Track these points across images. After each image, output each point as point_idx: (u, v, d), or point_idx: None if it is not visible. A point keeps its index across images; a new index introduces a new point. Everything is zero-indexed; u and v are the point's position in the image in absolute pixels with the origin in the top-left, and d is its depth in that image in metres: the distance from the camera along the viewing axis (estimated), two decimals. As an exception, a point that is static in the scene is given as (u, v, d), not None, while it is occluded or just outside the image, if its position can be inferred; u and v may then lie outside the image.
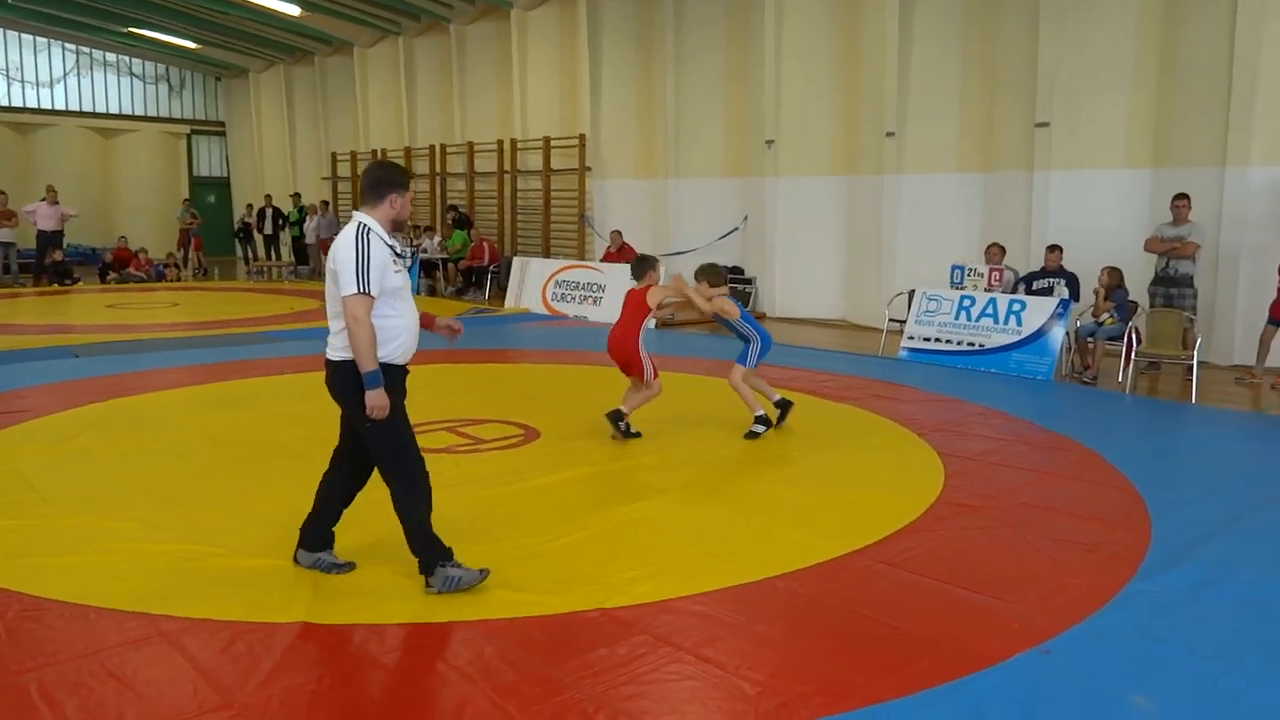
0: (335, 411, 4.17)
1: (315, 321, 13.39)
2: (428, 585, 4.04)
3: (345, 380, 3.93)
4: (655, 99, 15.77)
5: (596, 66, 16.43)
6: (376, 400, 3.84)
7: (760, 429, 6.81)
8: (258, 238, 22.89)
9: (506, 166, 18.38)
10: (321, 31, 21.29)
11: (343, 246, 3.84)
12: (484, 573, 4.05)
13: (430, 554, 4.03)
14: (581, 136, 16.64)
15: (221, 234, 25.33)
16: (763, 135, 14.14)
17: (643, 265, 6.87)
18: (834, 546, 4.59)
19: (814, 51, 13.62)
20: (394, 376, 3.95)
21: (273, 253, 22.92)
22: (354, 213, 4.03)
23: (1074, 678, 3.38)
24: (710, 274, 6.83)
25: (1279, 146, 9.73)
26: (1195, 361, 8.67)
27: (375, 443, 4.00)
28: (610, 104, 16.48)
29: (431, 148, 20.03)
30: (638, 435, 6.68)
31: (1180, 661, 3.51)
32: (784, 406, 7.10)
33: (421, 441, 4.10)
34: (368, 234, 3.86)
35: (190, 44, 23.89)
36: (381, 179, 4.00)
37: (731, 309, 6.83)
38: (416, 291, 17.05)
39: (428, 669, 3.42)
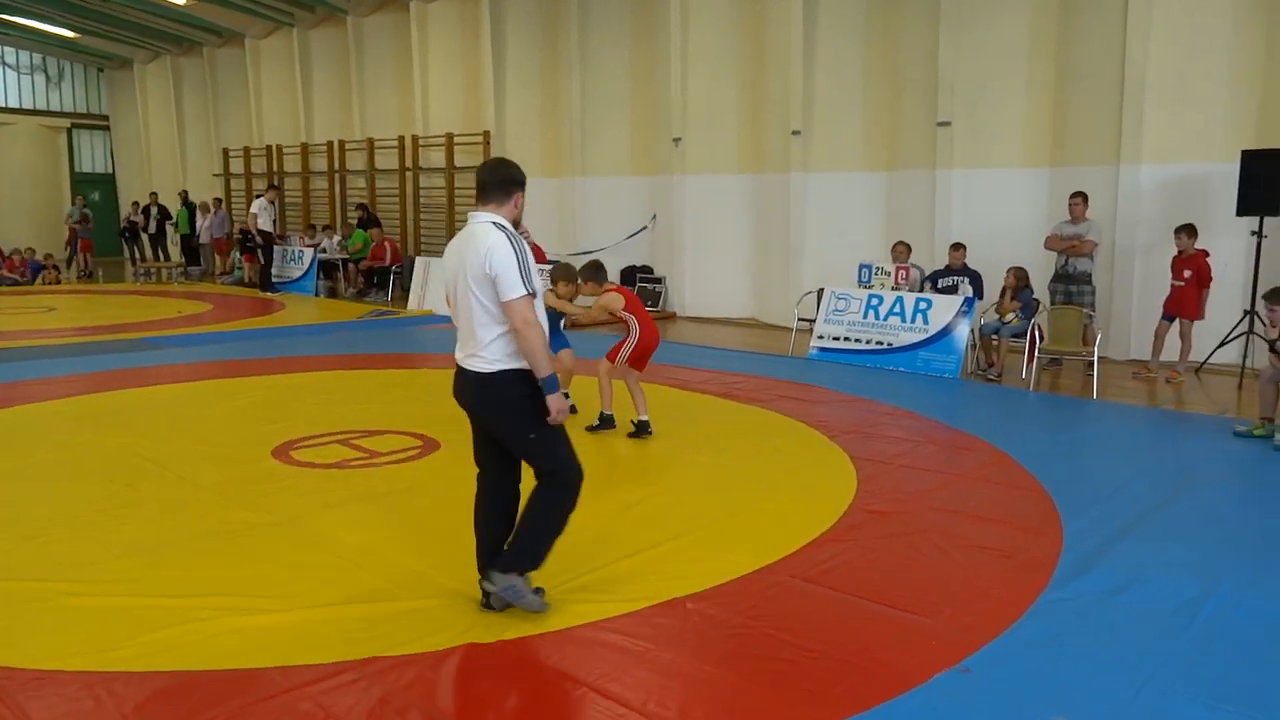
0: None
1: (202, 326, 12.70)
2: (491, 578, 3.76)
3: (499, 391, 3.72)
4: (561, 96, 15.46)
5: (500, 62, 16.04)
6: (558, 403, 3.73)
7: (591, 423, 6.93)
8: (144, 238, 21.78)
9: (408, 163, 17.83)
10: (210, 21, 20.30)
11: (495, 249, 3.59)
12: (543, 605, 3.81)
13: (528, 559, 3.77)
14: (486, 133, 16.22)
15: (107, 233, 23.99)
16: (670, 133, 13.97)
17: (570, 273, 7.01)
18: (746, 561, 4.39)
19: (720, 50, 13.52)
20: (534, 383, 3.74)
21: (159, 253, 21.83)
22: (473, 213, 3.79)
23: (994, 698, 3.24)
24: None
25: (1168, 146, 10.00)
26: (1096, 357, 8.82)
27: (538, 451, 3.79)
28: (515, 101, 16.10)
29: (330, 144, 19.31)
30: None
31: (1099, 674, 3.41)
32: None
33: (311, 456, 3.75)
34: (512, 234, 3.68)
35: (68, 32, 22.57)
36: (510, 177, 3.82)
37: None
38: (315, 294, 16.46)
39: None
